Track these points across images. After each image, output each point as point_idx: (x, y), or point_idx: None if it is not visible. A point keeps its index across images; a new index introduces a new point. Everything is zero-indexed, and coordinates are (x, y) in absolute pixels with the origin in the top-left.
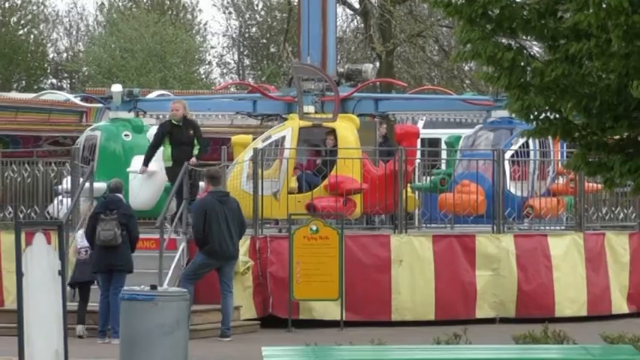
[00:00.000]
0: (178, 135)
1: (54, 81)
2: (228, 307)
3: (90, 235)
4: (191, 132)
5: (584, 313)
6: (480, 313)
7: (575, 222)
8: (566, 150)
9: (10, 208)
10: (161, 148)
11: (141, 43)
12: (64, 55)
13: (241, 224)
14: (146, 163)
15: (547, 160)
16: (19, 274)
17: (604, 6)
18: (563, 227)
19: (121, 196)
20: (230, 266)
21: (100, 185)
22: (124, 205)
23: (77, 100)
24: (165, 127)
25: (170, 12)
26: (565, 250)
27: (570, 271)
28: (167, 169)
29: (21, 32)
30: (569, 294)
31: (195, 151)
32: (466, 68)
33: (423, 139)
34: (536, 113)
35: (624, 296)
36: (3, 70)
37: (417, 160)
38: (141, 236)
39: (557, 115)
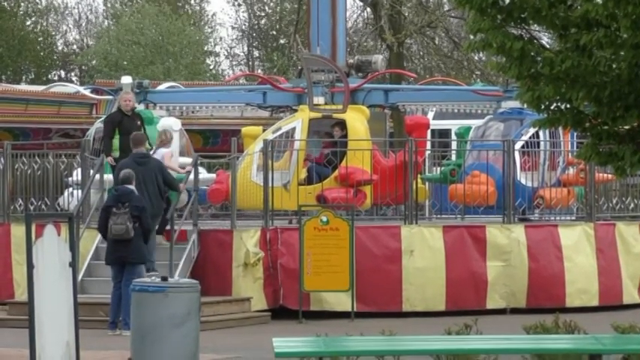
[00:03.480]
0: (127, 125)
1: (62, 73)
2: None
3: (102, 227)
4: (139, 122)
5: (595, 303)
6: (490, 304)
7: (586, 212)
8: (576, 140)
9: (20, 200)
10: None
11: (144, 35)
12: (74, 46)
13: (165, 182)
14: (108, 153)
15: (557, 151)
16: (30, 266)
17: None
18: (573, 218)
19: (132, 187)
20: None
21: (111, 177)
22: (136, 198)
23: (87, 93)
24: (115, 116)
25: (177, 3)
26: (576, 241)
27: (581, 261)
28: (114, 159)
29: (29, 23)
30: (580, 284)
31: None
32: (476, 58)
33: (433, 130)
34: (546, 103)
35: (635, 286)
36: (11, 62)
37: (427, 151)
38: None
39: (568, 105)
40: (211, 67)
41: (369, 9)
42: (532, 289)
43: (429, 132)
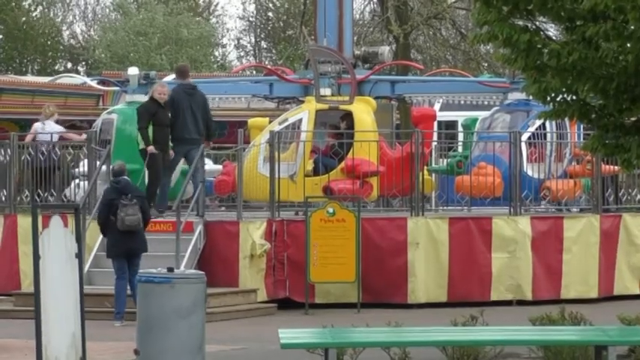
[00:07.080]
0: (162, 117)
1: (69, 64)
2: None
3: (104, 221)
4: (169, 114)
5: (600, 294)
6: (496, 296)
7: (592, 204)
8: (582, 132)
9: (26, 192)
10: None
11: (153, 26)
12: (80, 37)
13: (207, 117)
14: (147, 143)
15: (564, 142)
16: (36, 257)
17: None
18: (579, 209)
19: (128, 178)
20: (193, 152)
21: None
22: (135, 188)
23: (94, 84)
24: (150, 107)
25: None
26: (581, 232)
27: (586, 253)
28: (143, 150)
29: (35, 13)
30: (585, 276)
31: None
32: (483, 51)
33: (439, 122)
34: (553, 95)
35: (636, 278)
36: (17, 53)
37: (434, 143)
38: (158, 219)
39: (574, 97)
40: (219, 58)
41: (375, 0)
42: (537, 281)
43: (435, 123)
